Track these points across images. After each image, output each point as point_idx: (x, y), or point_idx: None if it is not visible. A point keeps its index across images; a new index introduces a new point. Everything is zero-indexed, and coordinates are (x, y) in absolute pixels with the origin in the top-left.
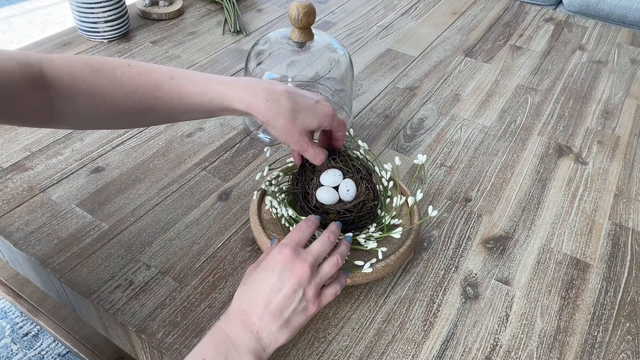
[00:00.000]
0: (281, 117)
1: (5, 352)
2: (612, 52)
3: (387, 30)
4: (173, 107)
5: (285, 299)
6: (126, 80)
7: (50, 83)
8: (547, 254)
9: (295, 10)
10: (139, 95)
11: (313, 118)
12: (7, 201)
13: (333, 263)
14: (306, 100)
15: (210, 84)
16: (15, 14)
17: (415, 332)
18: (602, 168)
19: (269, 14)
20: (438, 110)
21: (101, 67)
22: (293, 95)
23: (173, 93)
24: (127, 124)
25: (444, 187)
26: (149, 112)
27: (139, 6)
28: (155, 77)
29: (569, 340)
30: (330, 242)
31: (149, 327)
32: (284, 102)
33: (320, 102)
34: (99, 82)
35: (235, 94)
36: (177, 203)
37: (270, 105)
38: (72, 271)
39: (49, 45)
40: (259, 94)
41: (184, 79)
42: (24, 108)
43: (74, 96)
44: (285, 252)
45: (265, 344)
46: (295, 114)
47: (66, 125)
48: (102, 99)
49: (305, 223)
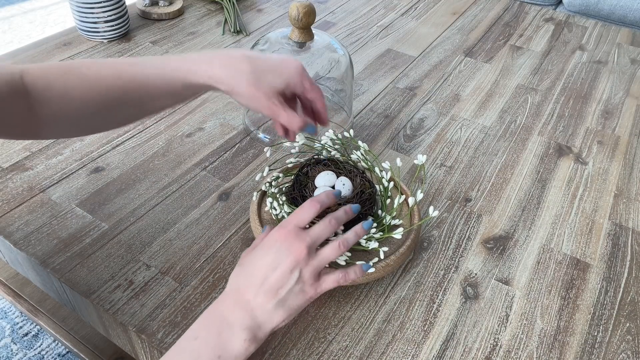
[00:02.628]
0: (243, 82)
1: (5, 352)
2: (612, 52)
3: (387, 30)
4: (140, 94)
5: (281, 277)
6: (92, 74)
7: (29, 89)
8: (547, 254)
9: (295, 10)
10: (105, 88)
11: (278, 77)
12: (7, 201)
13: (334, 247)
14: (268, 61)
15: (166, 63)
16: (15, 14)
17: (415, 332)
18: (602, 168)
19: (269, 14)
20: (438, 110)
21: (70, 68)
22: (253, 58)
23: (134, 79)
24: (105, 123)
25: (444, 187)
26: (120, 104)
27: (139, 6)
28: (117, 67)
29: (569, 340)
30: (332, 226)
31: (149, 327)
32: (243, 66)
33: (285, 60)
34: (69, 81)
35: (192, 67)
36: (177, 203)
37: (229, 71)
38: (72, 271)
39: (49, 45)
40: (216, 63)
41: (142, 64)
42: (8, 117)
43: (48, 99)
44: (282, 232)
45: (260, 321)
46: (257, 75)
47: (49, 132)
48: (73, 96)
49: (309, 203)
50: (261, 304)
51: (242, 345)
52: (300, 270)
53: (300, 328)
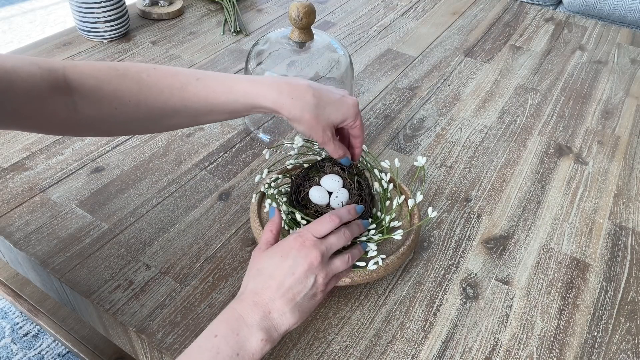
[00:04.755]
0: (306, 113)
1: (5, 352)
2: (612, 52)
3: (387, 30)
4: (199, 107)
5: (298, 282)
6: (152, 82)
7: (74, 87)
8: (547, 254)
9: (295, 10)
10: (166, 97)
11: (337, 112)
12: (7, 201)
13: (344, 260)
14: (331, 95)
15: (235, 83)
16: (15, 14)
17: (415, 332)
18: (602, 168)
19: (269, 14)
20: (438, 110)
21: (126, 71)
22: (318, 91)
23: (199, 93)
24: (151, 127)
25: (444, 187)
26: (174, 113)
27: (139, 6)
28: (181, 78)
29: (569, 340)
30: (345, 238)
31: (149, 327)
32: (309, 99)
33: (345, 96)
34: (124, 85)
35: (261, 92)
36: (177, 203)
37: (295, 102)
38: (72, 271)
39: (49, 45)
40: (284, 91)
41: (209, 80)
42: (48, 113)
43: (98, 99)
44: (299, 240)
45: (276, 323)
46: (320, 109)
47: (91, 131)
48: (128, 100)
49: (329, 217)
50: (278, 306)
51: (259, 344)
52: (315, 276)
53: (300, 328)
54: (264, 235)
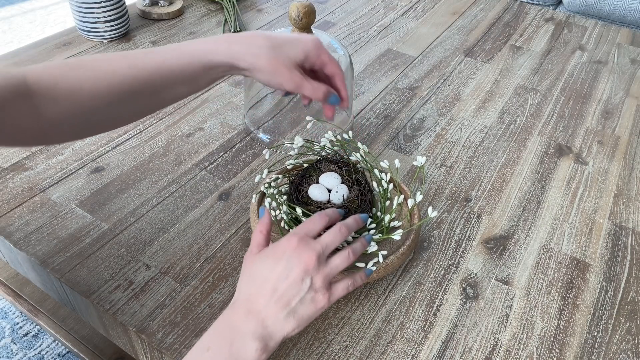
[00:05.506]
0: (263, 57)
1: (5, 352)
2: (612, 52)
3: (387, 30)
4: (154, 83)
5: (292, 287)
6: (103, 66)
7: (34, 90)
8: (547, 254)
9: (295, 10)
10: (118, 79)
11: (296, 48)
12: (7, 201)
13: (344, 256)
14: (284, 36)
15: (185, 47)
16: (15, 14)
17: (415, 332)
18: (602, 168)
19: (269, 14)
20: (438, 110)
21: (80, 62)
22: (269, 35)
23: (150, 65)
24: (116, 118)
25: (444, 187)
26: (132, 96)
27: (139, 6)
28: (130, 56)
29: (569, 340)
30: (342, 234)
31: (149, 327)
32: (261, 42)
33: (302, 35)
34: (79, 76)
35: (211, 47)
36: (177, 203)
37: (248, 48)
38: (72, 271)
39: (49, 45)
40: (234, 41)
41: (157, 51)
42: (16, 123)
43: (55, 96)
44: (292, 241)
45: (271, 331)
46: (276, 50)
47: (59, 134)
48: (81, 92)
49: (318, 215)
50: (273, 313)
51: (254, 355)
52: (311, 279)
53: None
54: (254, 238)
